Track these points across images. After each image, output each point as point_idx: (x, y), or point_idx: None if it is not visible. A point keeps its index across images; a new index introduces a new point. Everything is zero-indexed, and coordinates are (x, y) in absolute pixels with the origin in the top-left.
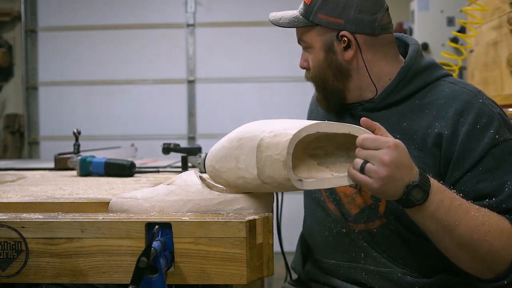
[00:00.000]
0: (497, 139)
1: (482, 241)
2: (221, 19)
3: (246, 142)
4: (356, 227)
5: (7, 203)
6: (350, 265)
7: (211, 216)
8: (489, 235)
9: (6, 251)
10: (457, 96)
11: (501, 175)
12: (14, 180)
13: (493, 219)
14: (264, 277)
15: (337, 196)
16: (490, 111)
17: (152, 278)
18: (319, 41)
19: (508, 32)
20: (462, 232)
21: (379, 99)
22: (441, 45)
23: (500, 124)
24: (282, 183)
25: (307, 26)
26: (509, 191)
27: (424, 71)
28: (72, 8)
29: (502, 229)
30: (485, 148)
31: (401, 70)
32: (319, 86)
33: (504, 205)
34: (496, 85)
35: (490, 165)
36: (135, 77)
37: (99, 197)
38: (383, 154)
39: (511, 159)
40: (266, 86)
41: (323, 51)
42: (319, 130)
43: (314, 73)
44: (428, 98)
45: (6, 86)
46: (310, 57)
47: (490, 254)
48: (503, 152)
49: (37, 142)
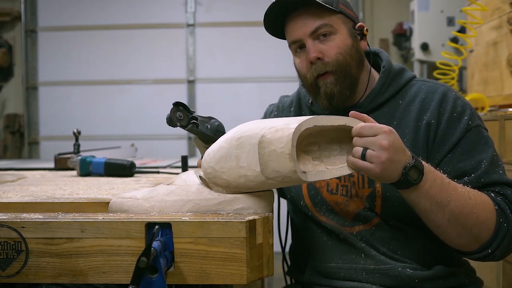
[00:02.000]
0: (470, 125)
1: (470, 214)
2: (221, 19)
3: (246, 140)
4: (353, 229)
5: (7, 203)
6: (350, 267)
7: (211, 216)
8: (475, 207)
9: (6, 251)
10: (434, 90)
11: (477, 155)
12: (14, 180)
13: (477, 194)
14: (264, 277)
15: (328, 206)
16: (462, 102)
17: (152, 278)
18: (345, 28)
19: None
20: (453, 207)
21: (366, 103)
22: (441, 45)
23: (471, 112)
24: (287, 176)
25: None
26: (485, 168)
27: (399, 74)
28: (72, 8)
29: (485, 201)
30: (461, 133)
31: (383, 74)
32: (340, 75)
33: (482, 179)
34: (496, 85)
35: (467, 146)
36: (135, 77)
37: (99, 197)
38: (381, 139)
39: (483, 141)
40: (266, 86)
41: (350, 37)
42: (317, 123)
43: (340, 59)
44: (408, 96)
45: (6, 86)
46: (331, 45)
47: (477, 225)
48: (476, 135)
49: (37, 142)
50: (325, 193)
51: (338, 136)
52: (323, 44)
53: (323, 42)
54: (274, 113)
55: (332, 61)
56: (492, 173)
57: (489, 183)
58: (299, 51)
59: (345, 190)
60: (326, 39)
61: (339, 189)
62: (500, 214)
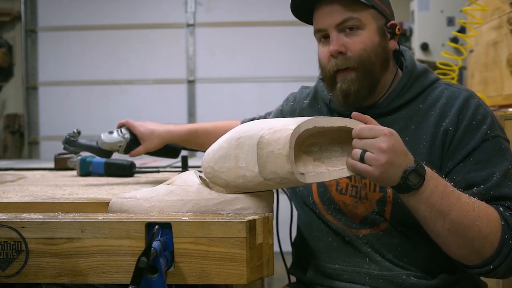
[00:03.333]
0: (489, 134)
1: (472, 226)
2: (221, 19)
3: (245, 141)
4: (360, 232)
5: (7, 203)
6: (354, 270)
7: (211, 216)
8: (478, 220)
9: (6, 251)
10: (457, 95)
11: (491, 167)
12: (14, 180)
13: (482, 206)
14: (264, 277)
15: (336, 205)
16: (484, 110)
17: (152, 278)
18: (374, 24)
19: (508, 32)
20: (454, 217)
21: (385, 103)
22: (441, 45)
23: (492, 121)
24: (284, 178)
25: (364, 5)
26: (497, 180)
27: (422, 75)
28: (72, 8)
29: (490, 215)
30: (477, 142)
31: (404, 74)
32: (362, 72)
33: (491, 192)
34: (496, 85)
35: (481, 157)
36: (135, 77)
37: (99, 197)
38: (381, 141)
39: (500, 153)
40: (266, 86)
41: (378, 35)
42: (316, 124)
43: (364, 56)
44: (429, 100)
45: (6, 86)
46: (357, 40)
47: (479, 239)
48: (493, 146)
49: (37, 142)
50: (334, 192)
51: (339, 137)
52: (348, 38)
53: (348, 36)
54: (291, 103)
55: (355, 57)
56: (504, 187)
57: (498, 196)
58: (323, 41)
59: (355, 191)
60: (352, 33)
61: (348, 189)
62: (506, 230)
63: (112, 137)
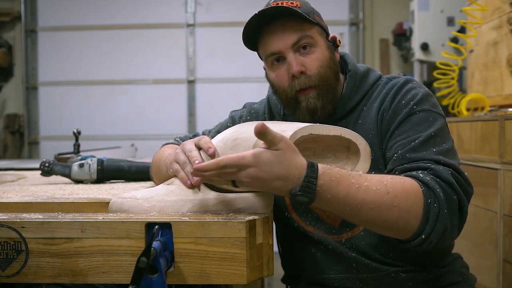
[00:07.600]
0: (415, 109)
1: (391, 209)
2: (221, 19)
3: (242, 143)
4: (342, 237)
5: (7, 203)
6: (343, 277)
7: (211, 216)
8: (396, 200)
9: (6, 251)
10: (395, 84)
11: (413, 134)
12: (14, 180)
13: (397, 184)
14: (264, 277)
15: (314, 214)
16: (417, 90)
17: (152, 278)
18: (322, 40)
19: (508, 32)
20: (367, 210)
21: (339, 109)
22: (441, 45)
23: (422, 98)
24: None
25: (311, 23)
26: (415, 145)
27: (367, 75)
28: (72, 8)
29: (407, 189)
30: (403, 116)
31: (350, 78)
32: (323, 88)
33: (407, 155)
34: (496, 85)
35: (406, 128)
36: (135, 77)
37: (99, 197)
38: (243, 176)
39: (426, 124)
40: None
41: (327, 49)
42: (312, 132)
43: (322, 72)
44: (374, 96)
45: (6, 86)
46: (313, 57)
47: (402, 217)
48: (419, 119)
49: (37, 142)
50: None
51: (333, 144)
52: (304, 57)
53: (304, 55)
54: (248, 118)
55: (314, 75)
56: (422, 150)
57: (415, 158)
58: (276, 64)
59: None
60: (307, 51)
61: None
62: (428, 194)
63: (81, 172)
